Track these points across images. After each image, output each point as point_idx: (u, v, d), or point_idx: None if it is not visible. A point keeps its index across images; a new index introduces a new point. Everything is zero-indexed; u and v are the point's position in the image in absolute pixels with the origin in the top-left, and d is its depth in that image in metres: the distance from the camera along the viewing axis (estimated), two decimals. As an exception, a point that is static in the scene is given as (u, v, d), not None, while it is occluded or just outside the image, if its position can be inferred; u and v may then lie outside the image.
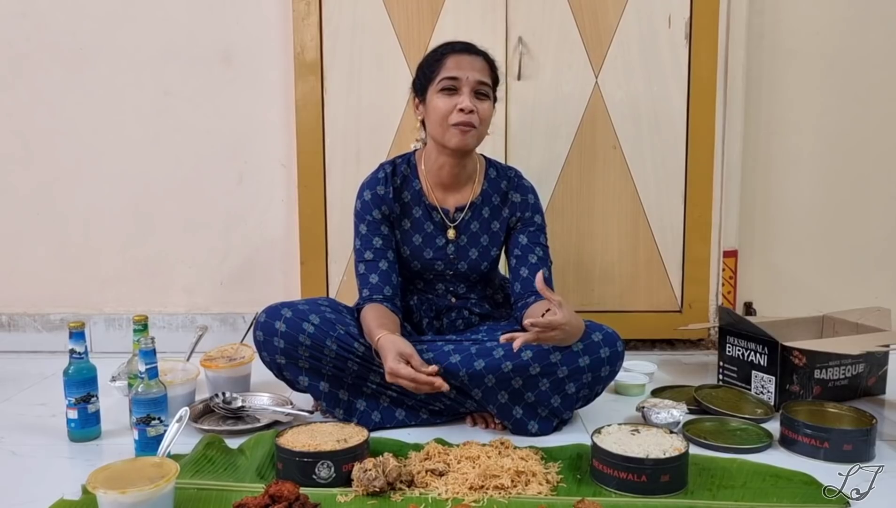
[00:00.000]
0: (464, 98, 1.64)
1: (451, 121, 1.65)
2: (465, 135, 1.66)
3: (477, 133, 1.68)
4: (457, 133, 1.66)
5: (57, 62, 2.33)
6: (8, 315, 2.43)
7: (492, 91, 1.70)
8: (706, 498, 1.33)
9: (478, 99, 1.67)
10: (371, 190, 1.76)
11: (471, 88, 1.65)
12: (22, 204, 2.40)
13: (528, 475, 1.36)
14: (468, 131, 1.66)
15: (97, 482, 1.19)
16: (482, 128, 1.69)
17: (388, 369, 1.48)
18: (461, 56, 1.67)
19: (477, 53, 1.69)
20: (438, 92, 1.67)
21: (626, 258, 2.28)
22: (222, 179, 2.37)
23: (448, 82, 1.66)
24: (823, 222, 2.40)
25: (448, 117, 1.65)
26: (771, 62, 2.33)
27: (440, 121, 1.67)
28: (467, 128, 1.65)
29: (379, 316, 1.64)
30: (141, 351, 1.52)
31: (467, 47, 1.70)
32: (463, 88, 1.65)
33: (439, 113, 1.66)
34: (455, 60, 1.67)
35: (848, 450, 1.48)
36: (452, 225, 1.78)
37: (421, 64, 1.74)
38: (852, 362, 1.82)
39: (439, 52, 1.70)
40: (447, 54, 1.68)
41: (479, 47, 1.72)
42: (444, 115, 1.66)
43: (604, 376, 1.64)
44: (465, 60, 1.67)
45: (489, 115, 1.70)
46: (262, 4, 2.29)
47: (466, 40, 1.73)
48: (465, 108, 1.64)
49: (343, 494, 1.32)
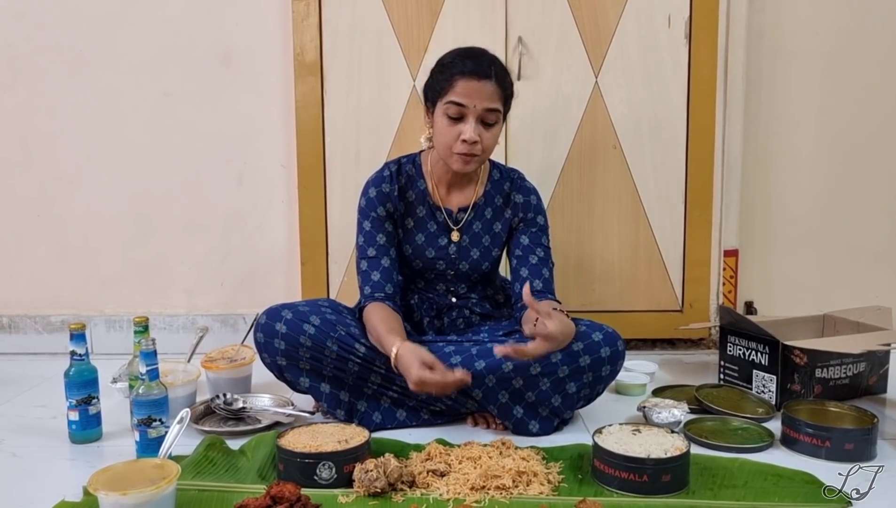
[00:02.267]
0: (468, 129, 1.62)
1: (454, 149, 1.65)
2: (467, 164, 1.66)
3: (479, 159, 1.68)
4: (458, 161, 1.66)
5: (56, 64, 2.33)
6: (8, 317, 2.43)
7: (502, 113, 1.67)
8: (707, 498, 1.33)
9: (484, 127, 1.64)
10: (376, 187, 1.76)
11: (476, 117, 1.62)
12: (22, 206, 2.40)
13: (529, 475, 1.36)
14: (470, 161, 1.66)
15: (98, 483, 1.19)
16: (487, 154, 1.69)
17: (417, 378, 1.47)
18: (471, 82, 1.61)
19: (489, 77, 1.62)
20: (444, 114, 1.64)
21: (627, 258, 2.28)
22: (222, 180, 2.37)
23: (454, 108, 1.62)
24: (824, 221, 2.40)
25: (451, 145, 1.65)
26: (771, 62, 2.33)
27: (443, 145, 1.66)
28: (469, 158, 1.65)
29: (385, 319, 1.63)
30: (142, 353, 1.52)
31: (479, 70, 1.62)
32: (469, 116, 1.62)
33: (443, 138, 1.66)
34: (465, 86, 1.61)
35: (849, 449, 1.48)
36: (456, 226, 1.78)
37: (433, 71, 1.69)
38: (853, 361, 1.82)
39: (451, 70, 1.64)
40: (458, 77, 1.62)
41: (493, 63, 1.65)
42: (447, 142, 1.65)
43: (604, 375, 1.65)
44: (475, 88, 1.61)
45: (494, 141, 1.68)
46: (262, 6, 2.29)
47: (479, 48, 1.68)
48: (468, 139, 1.62)
49: (344, 495, 1.32)
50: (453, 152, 1.65)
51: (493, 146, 1.69)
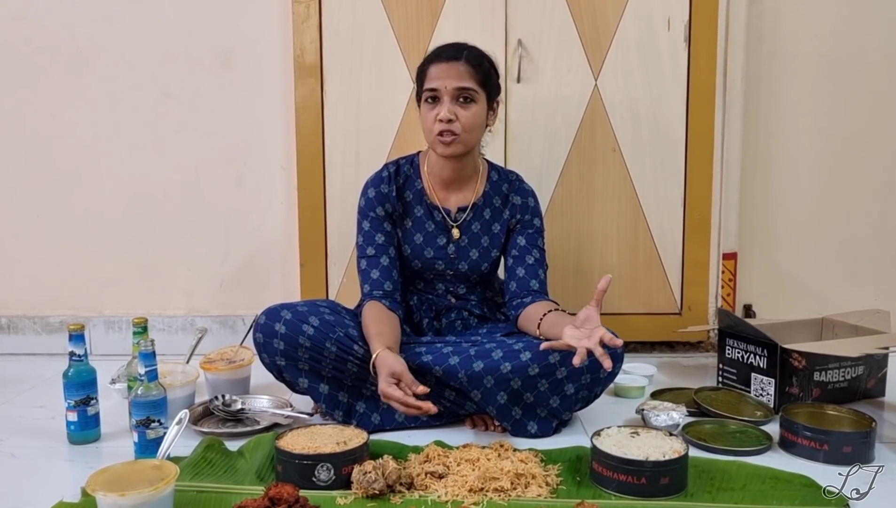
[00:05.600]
0: (442, 108, 1.65)
1: (434, 131, 1.67)
2: (449, 145, 1.67)
3: (462, 140, 1.68)
4: (440, 143, 1.68)
5: (57, 64, 2.33)
6: (7, 318, 2.43)
7: (481, 92, 1.68)
8: (706, 501, 1.33)
9: (460, 106, 1.66)
10: (375, 188, 1.77)
11: (451, 97, 1.65)
12: (21, 206, 2.40)
13: (527, 477, 1.37)
14: (451, 141, 1.67)
15: (96, 484, 1.19)
16: (468, 134, 1.68)
17: (381, 391, 1.49)
18: (441, 65, 1.66)
19: (459, 58, 1.66)
20: (424, 103, 1.70)
21: (626, 260, 2.28)
22: (222, 181, 2.37)
23: (429, 93, 1.68)
24: (823, 224, 2.40)
25: (432, 129, 1.67)
26: (770, 64, 2.33)
27: (427, 132, 1.70)
28: (449, 137, 1.66)
29: (377, 320, 1.64)
30: (140, 353, 1.52)
31: (451, 53, 1.68)
32: (443, 97, 1.66)
33: (425, 124, 1.70)
34: (436, 70, 1.67)
35: (847, 452, 1.48)
36: (455, 225, 1.78)
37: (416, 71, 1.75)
38: (852, 364, 1.82)
39: (427, 60, 1.71)
40: (431, 63, 1.69)
41: (466, 48, 1.69)
42: (428, 127, 1.69)
43: (603, 377, 1.65)
44: (445, 69, 1.66)
45: (475, 119, 1.68)
46: (262, 7, 2.29)
47: (461, 41, 1.72)
48: (442, 117, 1.65)
49: (343, 496, 1.32)
50: (434, 136, 1.68)
51: (475, 127, 1.68)
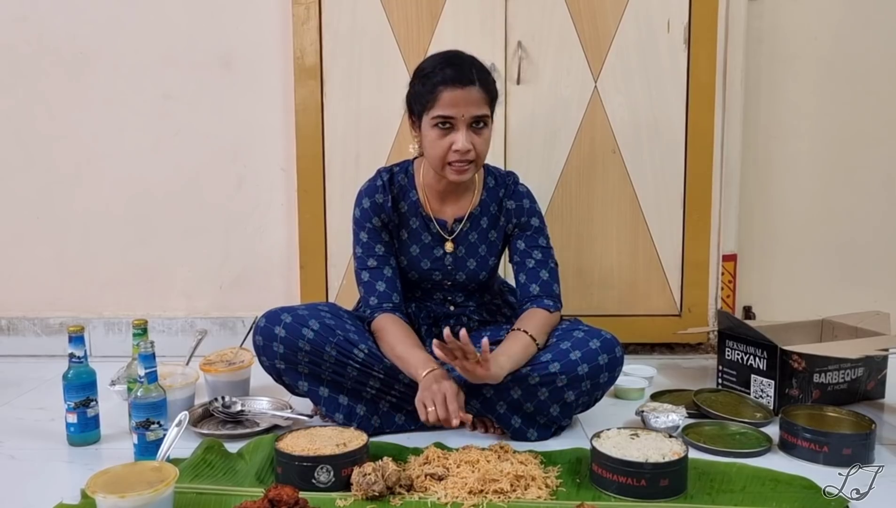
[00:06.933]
0: (460, 138, 1.59)
1: (447, 160, 1.62)
2: (464, 173, 1.63)
3: (475, 165, 1.65)
4: (454, 171, 1.63)
5: (57, 66, 2.34)
6: (7, 319, 2.43)
7: (490, 115, 1.65)
8: (705, 503, 1.33)
9: (474, 132, 1.61)
10: (370, 198, 1.75)
11: (467, 125, 1.60)
12: (22, 208, 2.40)
13: (527, 479, 1.36)
14: (467, 169, 1.63)
15: (96, 486, 1.19)
16: (480, 160, 1.65)
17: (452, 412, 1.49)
18: (455, 91, 1.57)
19: (472, 83, 1.59)
20: (433, 127, 1.61)
21: (626, 262, 2.28)
22: (222, 183, 2.37)
23: (443, 120, 1.59)
24: (822, 226, 2.40)
25: (444, 157, 1.62)
26: (769, 66, 2.33)
27: (436, 158, 1.63)
28: (465, 166, 1.62)
29: (406, 334, 1.65)
30: (140, 355, 1.51)
31: (462, 77, 1.59)
32: (459, 126, 1.59)
33: (435, 151, 1.62)
34: (450, 97, 1.58)
35: (847, 454, 1.48)
36: (450, 237, 1.77)
37: (414, 80, 1.66)
38: (851, 366, 1.82)
39: (433, 80, 1.60)
40: (441, 87, 1.58)
41: (473, 66, 1.62)
42: (439, 154, 1.62)
43: (602, 382, 1.64)
44: (460, 96, 1.58)
45: (487, 145, 1.65)
46: (262, 9, 2.29)
47: (463, 54, 1.65)
48: (460, 148, 1.59)
49: (342, 498, 1.32)
50: (447, 163, 1.63)
51: (487, 150, 1.66)
